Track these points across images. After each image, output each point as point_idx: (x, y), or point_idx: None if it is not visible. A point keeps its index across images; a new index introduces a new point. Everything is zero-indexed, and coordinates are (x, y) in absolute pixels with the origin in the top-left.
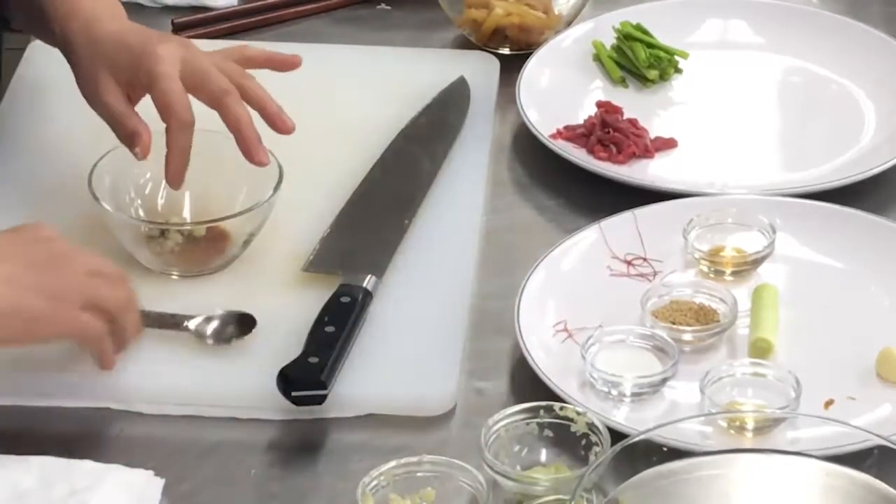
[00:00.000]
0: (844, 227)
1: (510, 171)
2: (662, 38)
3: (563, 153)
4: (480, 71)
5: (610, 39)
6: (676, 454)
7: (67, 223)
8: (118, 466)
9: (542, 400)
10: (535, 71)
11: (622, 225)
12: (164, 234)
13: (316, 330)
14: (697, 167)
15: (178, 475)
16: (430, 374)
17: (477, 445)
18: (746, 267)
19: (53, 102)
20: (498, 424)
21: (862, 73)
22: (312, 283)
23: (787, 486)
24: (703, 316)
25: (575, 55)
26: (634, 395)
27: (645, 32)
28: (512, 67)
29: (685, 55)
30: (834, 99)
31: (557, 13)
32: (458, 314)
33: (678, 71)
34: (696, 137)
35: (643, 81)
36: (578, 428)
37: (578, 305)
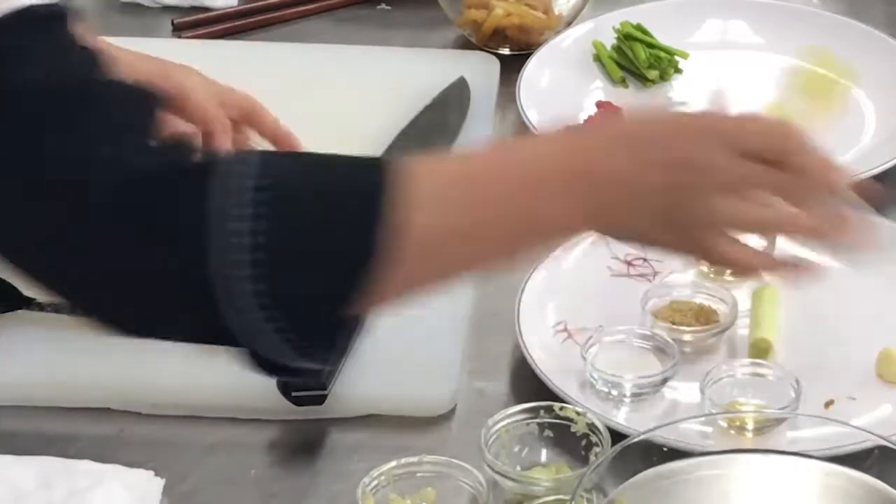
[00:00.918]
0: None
1: None
2: (662, 38)
3: None
4: (480, 71)
5: (610, 39)
6: (676, 454)
7: None
8: (118, 466)
9: (542, 400)
10: (535, 71)
11: None
12: None
13: None
14: None
15: (178, 475)
16: (430, 374)
17: (477, 445)
18: None
19: None
20: (498, 424)
21: (862, 73)
22: None
23: (787, 486)
24: (703, 316)
25: (575, 55)
26: (634, 395)
27: (645, 32)
28: (512, 67)
29: (685, 55)
30: (834, 99)
31: (557, 13)
32: (458, 314)
33: (678, 71)
34: None
35: (643, 81)
36: (578, 428)
37: (578, 305)
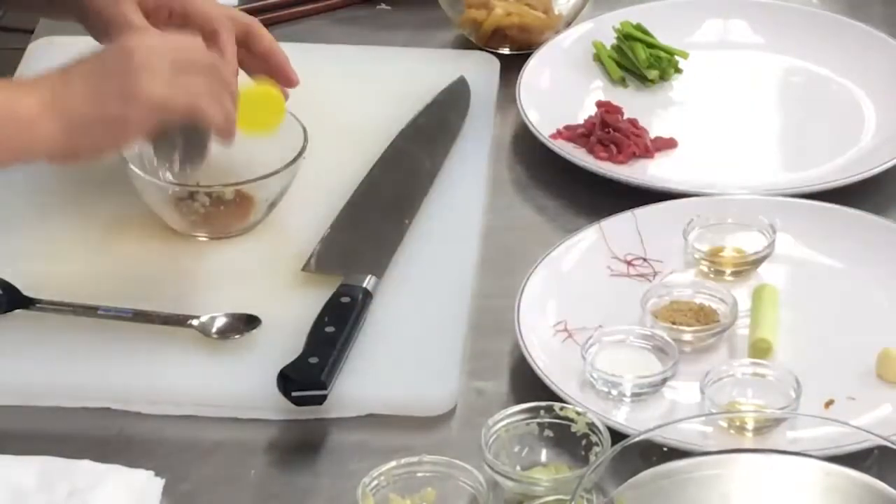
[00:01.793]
0: (844, 227)
1: (510, 171)
2: (662, 38)
3: (563, 153)
4: (480, 71)
5: (610, 39)
6: (676, 454)
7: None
8: (118, 466)
9: (542, 400)
10: (535, 71)
11: (622, 225)
12: (192, 196)
13: (316, 330)
14: (697, 167)
15: (178, 475)
16: (430, 374)
17: (477, 445)
18: (746, 267)
19: None
20: (498, 424)
21: (862, 73)
22: (312, 283)
23: (787, 486)
24: (703, 316)
25: (575, 55)
26: (634, 395)
27: (645, 32)
28: (512, 67)
29: (685, 55)
30: (834, 99)
31: (557, 13)
32: (458, 314)
33: (678, 71)
34: (696, 137)
35: (643, 81)
36: (578, 428)
37: (578, 305)
